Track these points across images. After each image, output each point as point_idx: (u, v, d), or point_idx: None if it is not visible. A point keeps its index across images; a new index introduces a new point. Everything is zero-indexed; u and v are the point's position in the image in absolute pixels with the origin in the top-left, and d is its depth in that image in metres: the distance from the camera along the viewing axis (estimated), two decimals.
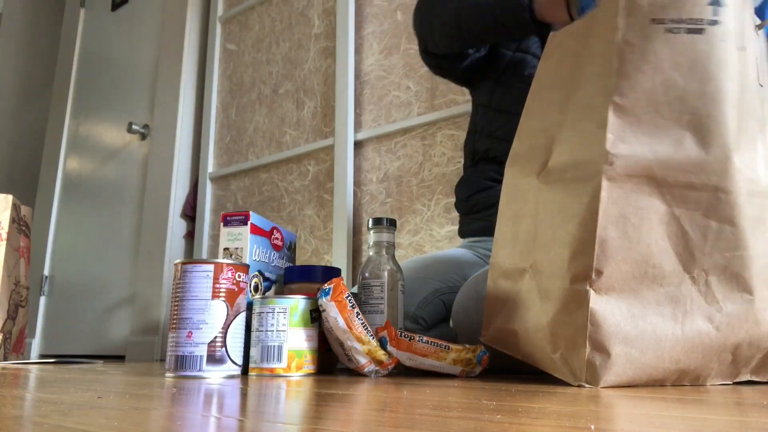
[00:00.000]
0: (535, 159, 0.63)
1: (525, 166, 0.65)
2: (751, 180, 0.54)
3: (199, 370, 0.67)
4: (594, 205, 0.52)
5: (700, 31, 0.51)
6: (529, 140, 0.66)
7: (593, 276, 0.52)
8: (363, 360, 0.73)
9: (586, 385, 0.52)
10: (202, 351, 0.66)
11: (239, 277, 0.69)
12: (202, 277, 0.67)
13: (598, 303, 0.52)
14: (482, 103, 1.10)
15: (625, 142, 0.52)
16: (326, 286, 0.75)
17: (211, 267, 0.67)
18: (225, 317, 0.67)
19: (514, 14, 0.90)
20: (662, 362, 0.53)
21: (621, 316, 0.52)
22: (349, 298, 0.74)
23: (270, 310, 0.76)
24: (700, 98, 0.52)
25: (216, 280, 0.67)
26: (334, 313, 0.73)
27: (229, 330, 0.67)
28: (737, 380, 0.57)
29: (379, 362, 0.73)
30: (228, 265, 0.69)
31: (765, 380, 0.58)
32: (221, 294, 0.67)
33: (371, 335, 0.74)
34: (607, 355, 0.51)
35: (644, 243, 0.52)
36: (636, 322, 0.52)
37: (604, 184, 0.52)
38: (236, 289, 0.68)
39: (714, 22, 0.51)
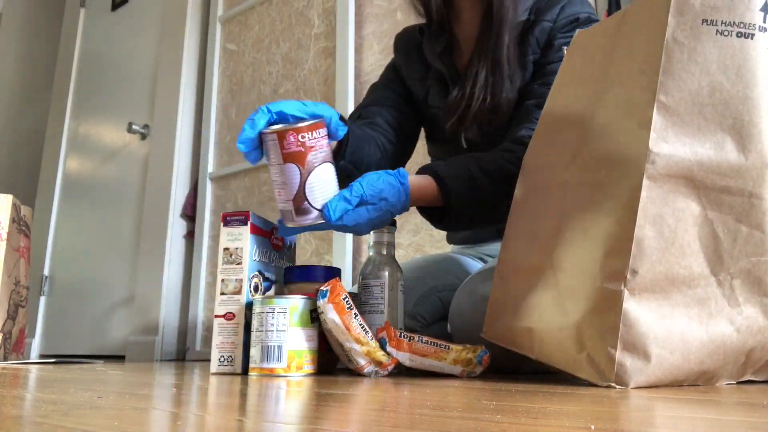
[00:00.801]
0: (561, 152, 0.62)
1: (548, 161, 0.64)
2: None
3: (293, 221, 0.74)
4: (633, 204, 0.52)
5: (750, 36, 0.51)
6: (553, 131, 0.65)
7: (628, 276, 0.51)
8: (362, 361, 0.73)
9: (615, 386, 0.51)
10: (290, 206, 0.73)
11: (302, 137, 0.71)
12: (272, 144, 0.72)
13: (631, 303, 0.52)
14: (429, 151, 1.14)
15: (668, 141, 0.51)
16: (324, 287, 0.75)
17: (274, 135, 0.71)
18: (299, 176, 0.72)
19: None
20: (687, 363, 0.53)
21: (652, 316, 0.52)
22: (347, 299, 0.74)
23: (270, 311, 0.76)
24: (743, 103, 0.51)
25: (282, 146, 0.71)
26: (332, 315, 0.73)
27: (306, 185, 0.72)
28: (740, 380, 0.57)
29: (378, 363, 0.73)
30: (290, 130, 0.71)
31: (762, 380, 0.59)
32: (290, 157, 0.72)
33: (370, 336, 0.74)
34: (638, 355, 0.51)
35: (678, 244, 0.52)
36: (665, 323, 0.52)
37: (645, 182, 0.51)
38: (302, 150, 0.71)
39: (764, 29, 0.51)
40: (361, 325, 0.73)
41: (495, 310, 0.69)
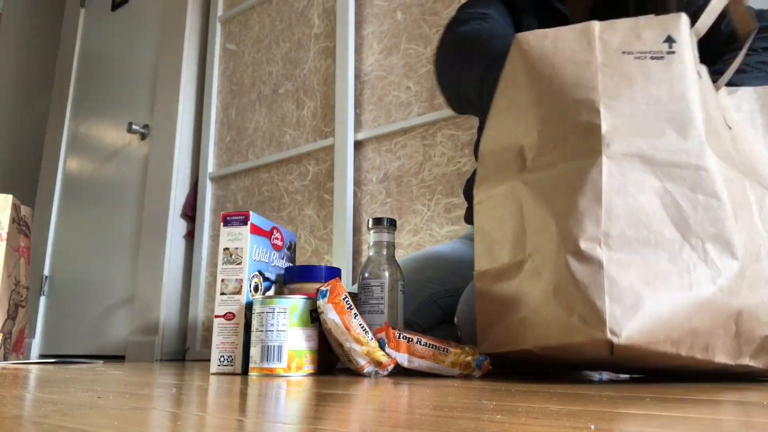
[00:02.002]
0: (508, 166, 0.68)
1: (497, 177, 0.69)
2: (735, 166, 0.62)
3: None
4: (597, 177, 0.58)
5: (660, 58, 0.62)
6: (495, 159, 0.71)
7: (602, 239, 0.56)
8: (362, 361, 0.73)
9: (612, 338, 0.53)
10: None
11: None
12: None
13: (612, 263, 0.55)
14: None
15: (618, 132, 0.59)
16: (324, 287, 0.75)
17: None
18: None
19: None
20: (676, 317, 0.54)
21: (634, 274, 0.55)
22: (347, 299, 0.74)
23: (270, 310, 0.76)
24: (674, 102, 0.60)
25: None
26: (332, 315, 0.73)
27: None
28: (738, 361, 0.57)
29: (378, 363, 0.73)
30: None
31: (761, 366, 0.59)
32: None
33: (370, 336, 0.74)
34: (626, 305, 0.54)
35: (644, 211, 0.57)
36: (647, 280, 0.55)
37: (605, 160, 0.58)
38: None
39: (671, 52, 0.62)
40: (360, 325, 0.73)
41: (485, 323, 0.70)
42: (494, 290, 0.68)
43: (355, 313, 0.73)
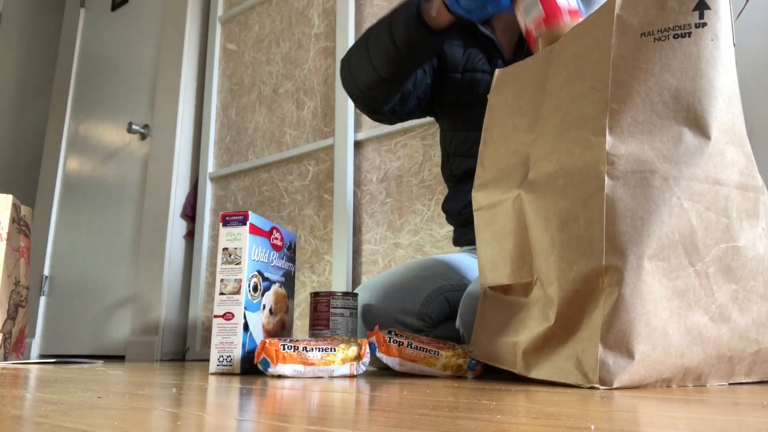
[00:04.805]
0: (510, 177, 0.65)
1: (498, 187, 0.67)
2: (746, 174, 0.56)
3: None
4: (598, 204, 0.53)
5: (686, 35, 0.54)
6: (497, 165, 0.68)
7: (604, 273, 0.52)
8: (346, 370, 0.74)
9: (600, 387, 0.51)
10: None
11: None
12: None
13: (611, 301, 0.51)
14: (448, 128, 1.13)
15: (624, 143, 0.54)
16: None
17: None
18: None
19: (410, 33, 0.91)
20: (669, 357, 0.52)
21: (634, 313, 0.51)
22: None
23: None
24: (693, 94, 0.54)
25: None
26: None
27: None
28: (732, 381, 0.57)
29: (355, 358, 0.74)
30: None
31: (756, 380, 0.58)
32: None
33: (321, 349, 0.74)
34: (621, 353, 0.51)
35: (655, 236, 0.52)
36: (649, 319, 0.51)
37: (607, 182, 0.53)
38: None
39: (701, 25, 0.54)
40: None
41: (482, 330, 0.69)
42: (496, 302, 0.68)
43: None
